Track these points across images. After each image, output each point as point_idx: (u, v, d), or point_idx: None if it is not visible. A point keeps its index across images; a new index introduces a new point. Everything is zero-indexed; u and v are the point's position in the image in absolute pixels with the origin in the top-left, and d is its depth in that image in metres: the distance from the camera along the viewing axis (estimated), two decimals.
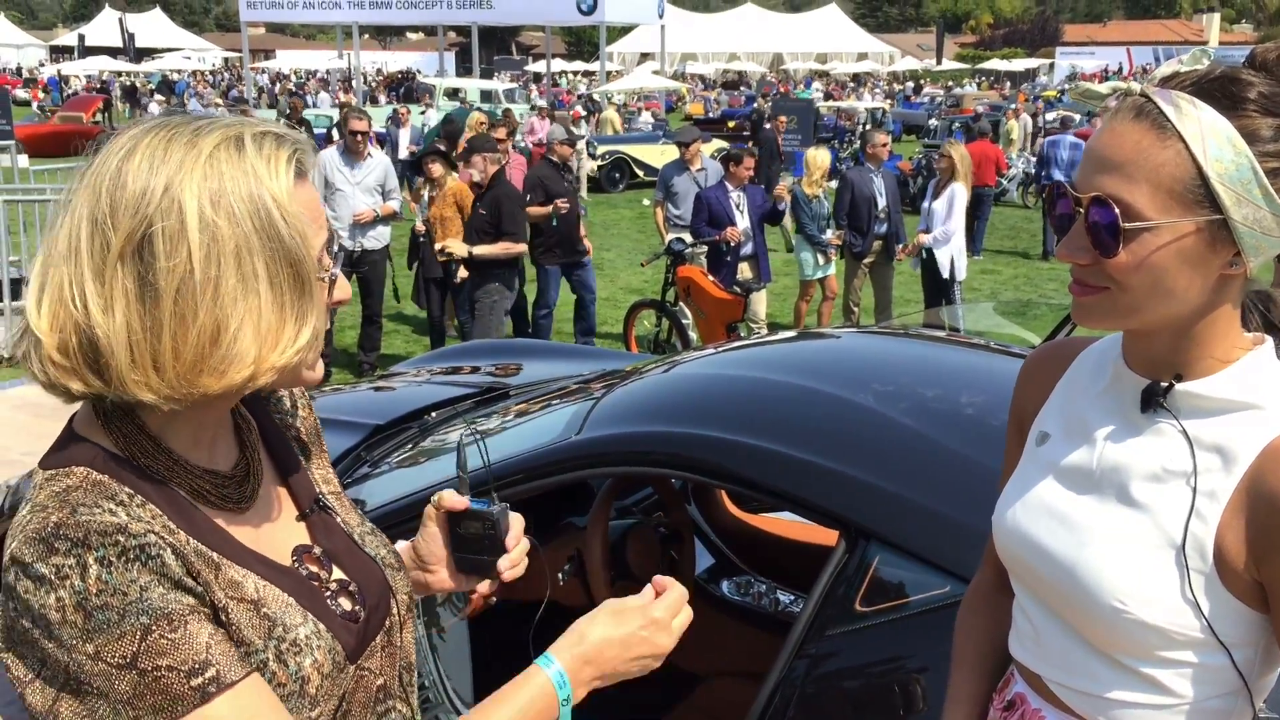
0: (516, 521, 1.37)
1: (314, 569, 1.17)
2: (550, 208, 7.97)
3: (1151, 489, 1.19)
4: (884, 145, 8.89)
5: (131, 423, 1.06)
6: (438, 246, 7.28)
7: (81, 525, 0.96)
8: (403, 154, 16.62)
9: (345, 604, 1.17)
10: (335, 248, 1.15)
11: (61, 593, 0.94)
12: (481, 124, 10.88)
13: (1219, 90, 1.09)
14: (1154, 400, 1.18)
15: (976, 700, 1.46)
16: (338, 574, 1.19)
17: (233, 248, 1.00)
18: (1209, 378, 1.17)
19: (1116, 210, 1.10)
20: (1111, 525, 1.20)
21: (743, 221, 8.09)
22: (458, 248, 7.05)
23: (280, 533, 1.18)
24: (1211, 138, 1.07)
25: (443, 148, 8.65)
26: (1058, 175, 13.01)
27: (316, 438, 1.35)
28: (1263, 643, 1.17)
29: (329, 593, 1.16)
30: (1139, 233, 1.10)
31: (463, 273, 7.28)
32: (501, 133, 8.56)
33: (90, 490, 1.01)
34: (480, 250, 7.04)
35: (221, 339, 1.00)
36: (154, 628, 0.96)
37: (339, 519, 1.27)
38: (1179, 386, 1.17)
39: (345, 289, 1.16)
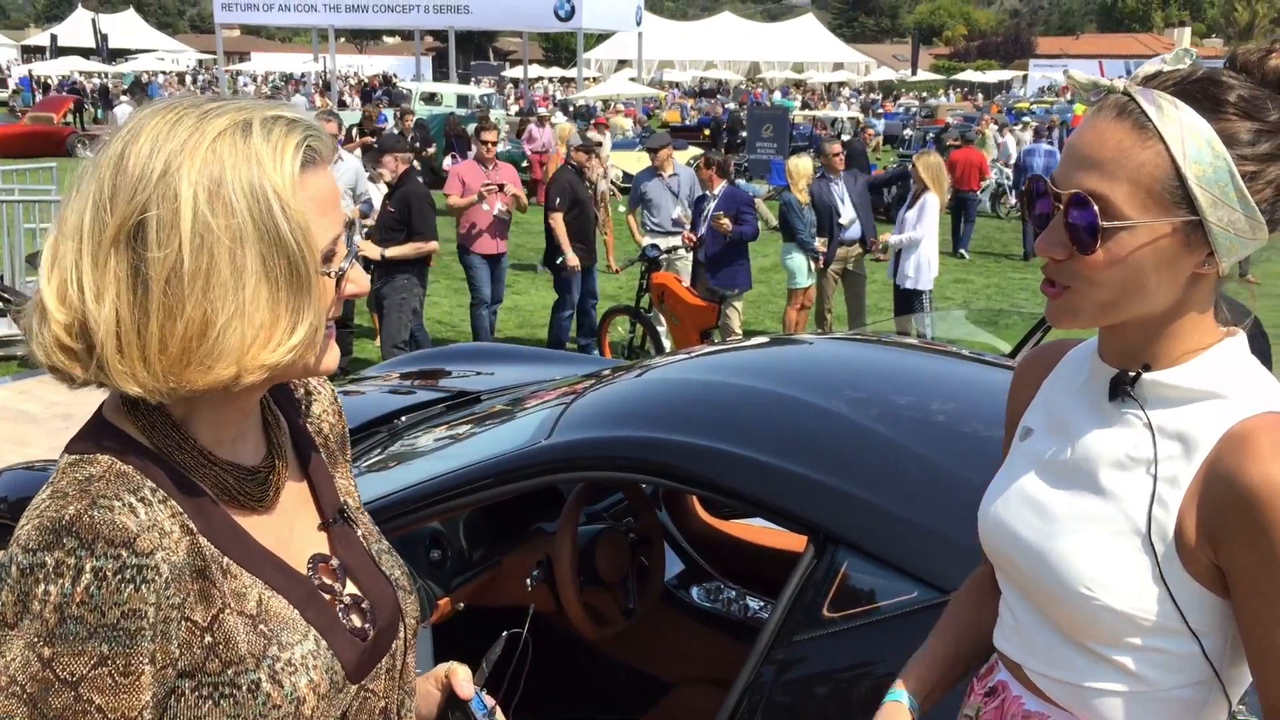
0: None
1: (328, 580, 1.14)
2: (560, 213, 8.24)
3: (1117, 477, 1.21)
4: (837, 155, 8.95)
5: (159, 413, 1.04)
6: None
7: (94, 527, 0.94)
8: None
9: (355, 620, 1.14)
10: (355, 238, 1.10)
11: (50, 587, 0.92)
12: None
13: (1200, 92, 1.11)
14: (1121, 389, 1.21)
15: (937, 663, 1.49)
16: (351, 589, 1.17)
17: (227, 239, 0.96)
18: (1175, 368, 1.19)
19: (1096, 208, 1.11)
20: (1080, 514, 1.23)
21: (701, 227, 8.14)
22: (369, 249, 7.07)
23: (299, 539, 1.15)
24: (1191, 140, 1.08)
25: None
26: None
27: (343, 446, 1.32)
28: (1232, 632, 1.18)
29: (341, 607, 1.14)
30: (1116, 231, 1.11)
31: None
32: (493, 135, 8.51)
33: (113, 481, 0.98)
34: (392, 251, 7.10)
35: (208, 333, 0.97)
36: (109, 660, 0.94)
37: (359, 533, 1.24)
38: (1146, 376, 1.19)
39: (360, 282, 1.11)
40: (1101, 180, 1.11)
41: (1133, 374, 1.20)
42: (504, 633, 1.47)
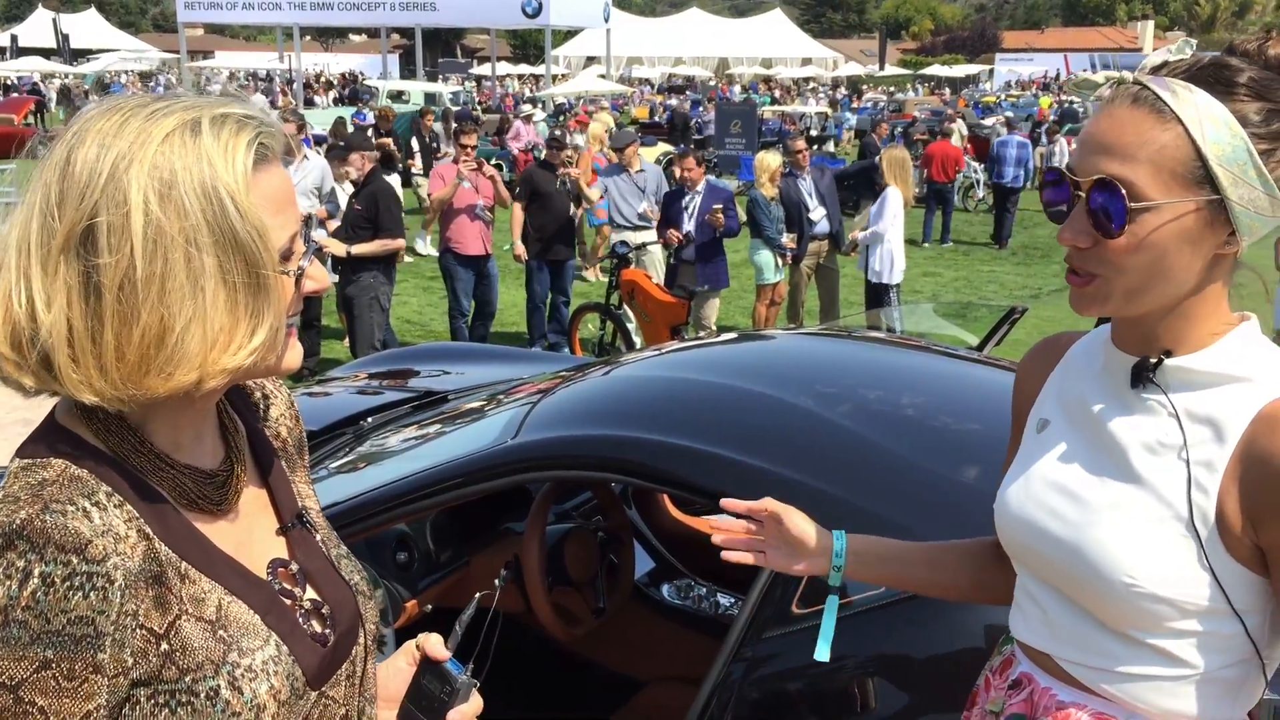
0: (474, 702, 1.26)
1: (288, 585, 1.13)
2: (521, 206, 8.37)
3: (1149, 463, 1.21)
4: (801, 152, 8.97)
5: (114, 416, 1.02)
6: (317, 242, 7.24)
7: (45, 531, 0.92)
8: None
9: (316, 626, 1.13)
10: (313, 234, 1.09)
11: None
12: (608, 132, 11.31)
13: (1212, 76, 1.13)
14: (1143, 376, 1.21)
15: (889, 544, 1.56)
16: (311, 594, 1.15)
17: (181, 243, 0.94)
18: (1199, 353, 1.20)
19: (1123, 190, 1.12)
20: (1114, 503, 1.23)
21: (687, 224, 8.10)
22: (335, 246, 7.02)
23: (258, 544, 1.13)
24: (1209, 121, 1.11)
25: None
26: (1009, 172, 14.61)
27: (301, 451, 1.30)
28: (1271, 609, 1.19)
29: (301, 612, 1.12)
30: (1140, 213, 1.13)
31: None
32: (472, 139, 8.41)
33: (66, 486, 0.96)
34: (359, 249, 7.05)
35: (167, 339, 0.95)
36: (53, 665, 0.92)
37: (318, 538, 1.22)
38: (1168, 361, 1.20)
39: (320, 278, 1.09)
40: (1123, 165, 1.13)
41: (1154, 360, 1.21)
42: (476, 594, 1.46)
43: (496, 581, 2.68)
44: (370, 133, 14.38)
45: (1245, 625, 1.18)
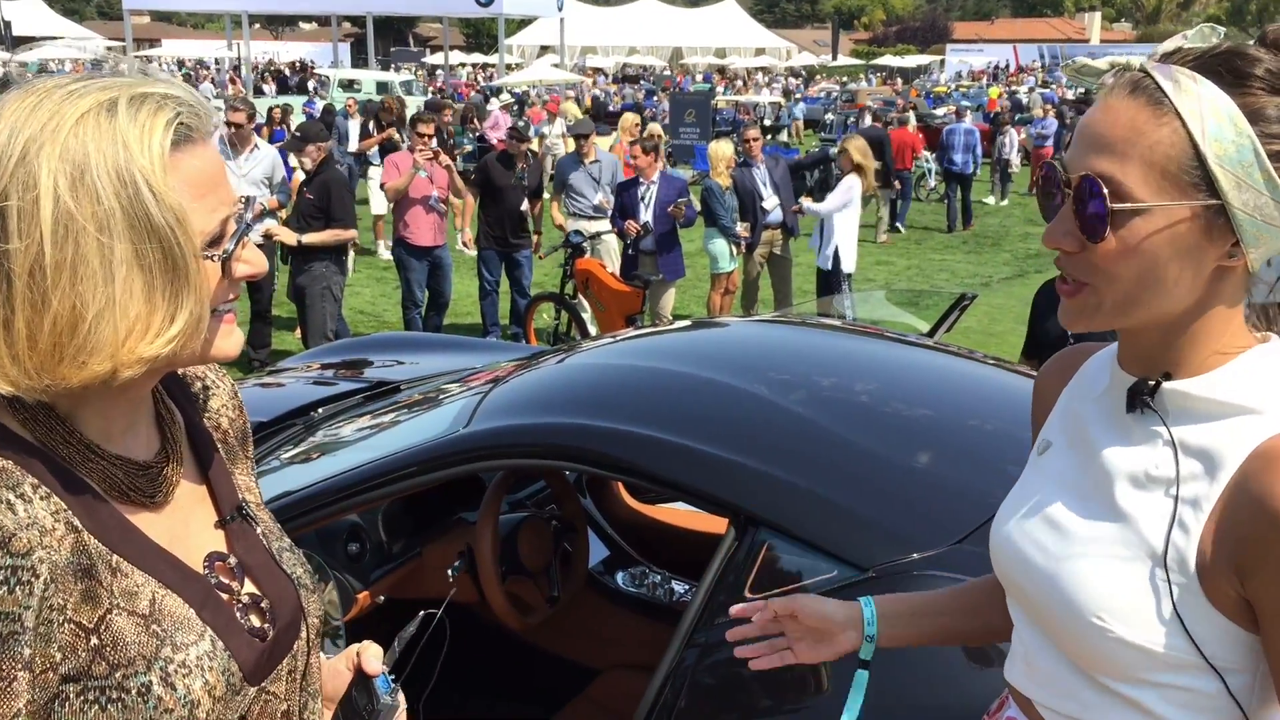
0: None
1: (225, 579, 1.10)
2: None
3: (1135, 497, 1.10)
4: (755, 140, 8.99)
5: (42, 405, 0.99)
6: (264, 230, 7.16)
7: None
8: (353, 146, 15.20)
9: (254, 620, 1.10)
10: (248, 218, 1.05)
11: None
12: (636, 125, 11.26)
13: (1223, 66, 1.01)
14: (1139, 400, 1.10)
15: (914, 600, 1.46)
16: (250, 588, 1.13)
17: (92, 229, 0.92)
18: (1200, 376, 1.08)
19: (1105, 190, 1.02)
20: (1094, 536, 1.12)
21: (644, 215, 8.07)
22: (286, 235, 6.96)
23: (195, 537, 1.11)
24: (1211, 116, 0.99)
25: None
26: (958, 158, 14.82)
27: (244, 443, 1.27)
28: (1261, 669, 1.06)
29: (239, 606, 1.10)
30: (1129, 216, 1.02)
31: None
32: (429, 128, 8.30)
33: None
34: (309, 238, 7.00)
35: (79, 327, 0.93)
36: None
37: (259, 531, 1.19)
38: (1167, 385, 1.08)
39: (255, 262, 1.05)
40: (1112, 161, 1.02)
41: (1152, 383, 1.09)
42: (421, 611, 1.45)
43: (449, 572, 2.67)
44: (371, 125, 14.22)
45: (1227, 684, 1.06)
